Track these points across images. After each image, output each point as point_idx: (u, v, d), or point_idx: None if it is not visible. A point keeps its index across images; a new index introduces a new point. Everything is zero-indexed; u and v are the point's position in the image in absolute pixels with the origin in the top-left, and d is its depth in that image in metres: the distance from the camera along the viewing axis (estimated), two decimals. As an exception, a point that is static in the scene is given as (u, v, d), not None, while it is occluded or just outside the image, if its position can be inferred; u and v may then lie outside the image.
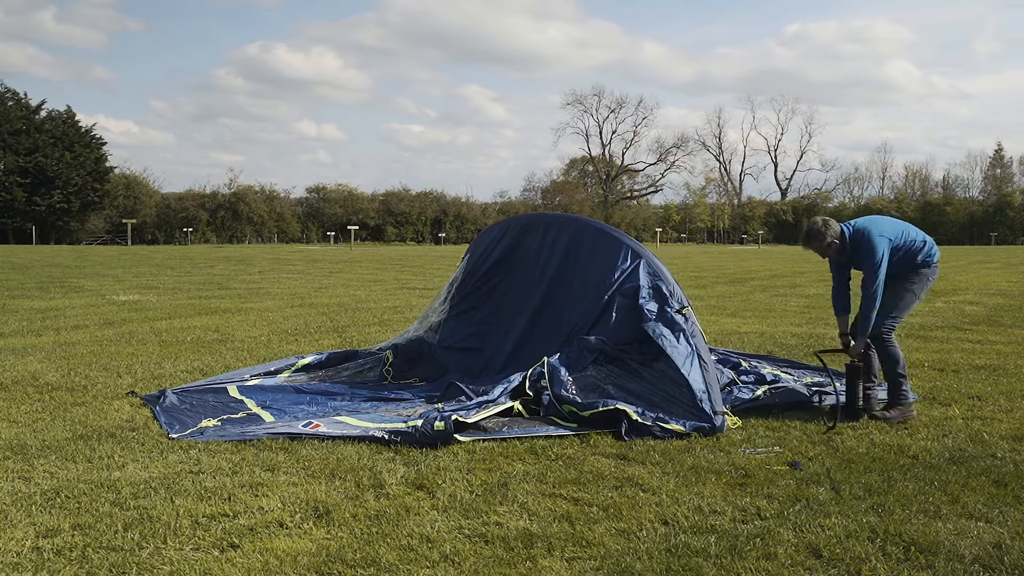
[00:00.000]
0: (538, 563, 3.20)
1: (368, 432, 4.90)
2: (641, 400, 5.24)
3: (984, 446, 4.83)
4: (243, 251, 45.01)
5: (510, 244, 6.79)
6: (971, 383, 6.71)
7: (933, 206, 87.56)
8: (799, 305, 13.68)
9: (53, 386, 6.42)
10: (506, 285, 6.69)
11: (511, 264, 6.71)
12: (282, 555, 3.25)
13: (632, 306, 5.62)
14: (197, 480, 4.11)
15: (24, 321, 10.71)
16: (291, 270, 24.62)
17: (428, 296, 15.26)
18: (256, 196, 77.22)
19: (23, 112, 62.29)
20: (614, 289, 5.76)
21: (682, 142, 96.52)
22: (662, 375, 5.34)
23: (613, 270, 5.82)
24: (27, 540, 3.37)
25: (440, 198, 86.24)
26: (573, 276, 6.14)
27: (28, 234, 60.31)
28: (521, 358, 6.01)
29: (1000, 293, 16.14)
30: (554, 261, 6.34)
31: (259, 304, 13.53)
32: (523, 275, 6.56)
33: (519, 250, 6.69)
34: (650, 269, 5.77)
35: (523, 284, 6.53)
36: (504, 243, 6.84)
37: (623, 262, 5.84)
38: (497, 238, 6.92)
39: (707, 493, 4.00)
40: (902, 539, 3.42)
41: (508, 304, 6.60)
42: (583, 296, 5.96)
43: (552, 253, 6.39)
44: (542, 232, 6.59)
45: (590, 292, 5.90)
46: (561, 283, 6.22)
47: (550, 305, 6.25)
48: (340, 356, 7.19)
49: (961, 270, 25.16)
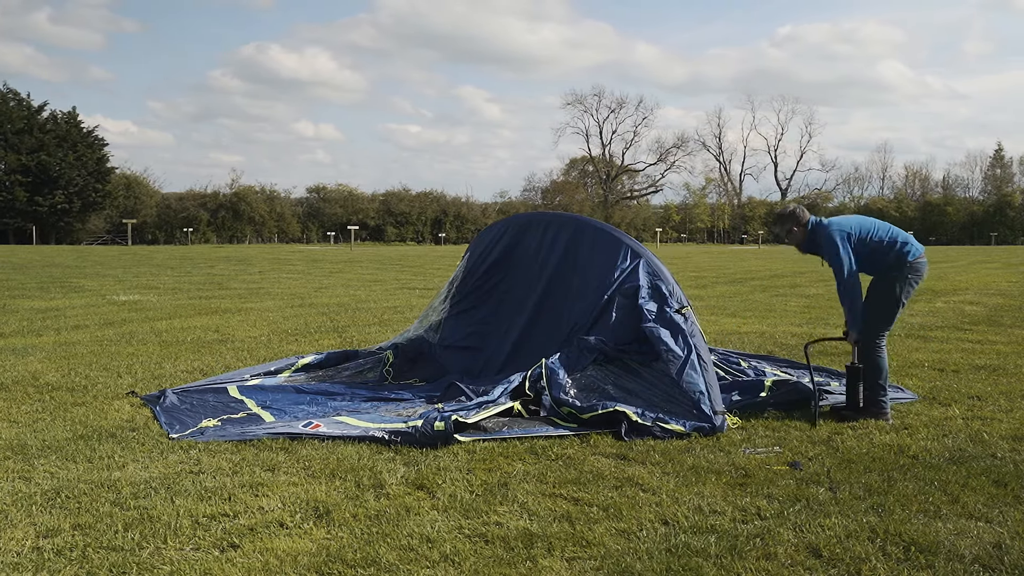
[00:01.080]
0: (538, 563, 3.20)
1: (368, 432, 4.90)
2: (641, 400, 5.24)
3: (984, 446, 4.83)
4: (243, 251, 45.02)
5: (510, 243, 6.80)
6: (971, 383, 6.71)
7: (933, 206, 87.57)
8: (799, 305, 13.68)
9: (53, 386, 6.42)
10: (506, 284, 6.69)
11: (511, 263, 6.71)
12: (282, 555, 3.25)
13: (632, 306, 5.62)
14: (197, 480, 4.12)
15: (24, 321, 10.71)
16: (291, 270, 24.62)
17: (428, 296, 15.27)
18: (257, 196, 77.24)
19: (25, 112, 62.35)
20: (614, 288, 5.76)
21: (682, 142, 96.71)
22: (662, 375, 5.34)
23: (613, 269, 5.82)
24: (27, 540, 3.37)
25: (440, 198, 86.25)
26: (573, 275, 6.14)
27: (28, 234, 60.32)
28: (521, 358, 6.01)
29: (1000, 293, 16.13)
30: (553, 260, 6.34)
31: (259, 304, 13.53)
32: (523, 274, 6.56)
33: (519, 249, 6.70)
34: (649, 269, 5.77)
35: (523, 283, 6.53)
36: (504, 242, 6.84)
37: (623, 261, 5.84)
38: (497, 237, 6.93)
39: (707, 493, 4.00)
40: (902, 539, 3.42)
41: (508, 303, 6.60)
42: (583, 295, 5.96)
43: (552, 252, 6.39)
44: (542, 231, 6.59)
45: (590, 291, 5.90)
46: (561, 282, 6.22)
47: (550, 304, 6.24)
48: (340, 356, 7.18)
49: (961, 270, 25.15)
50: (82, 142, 64.01)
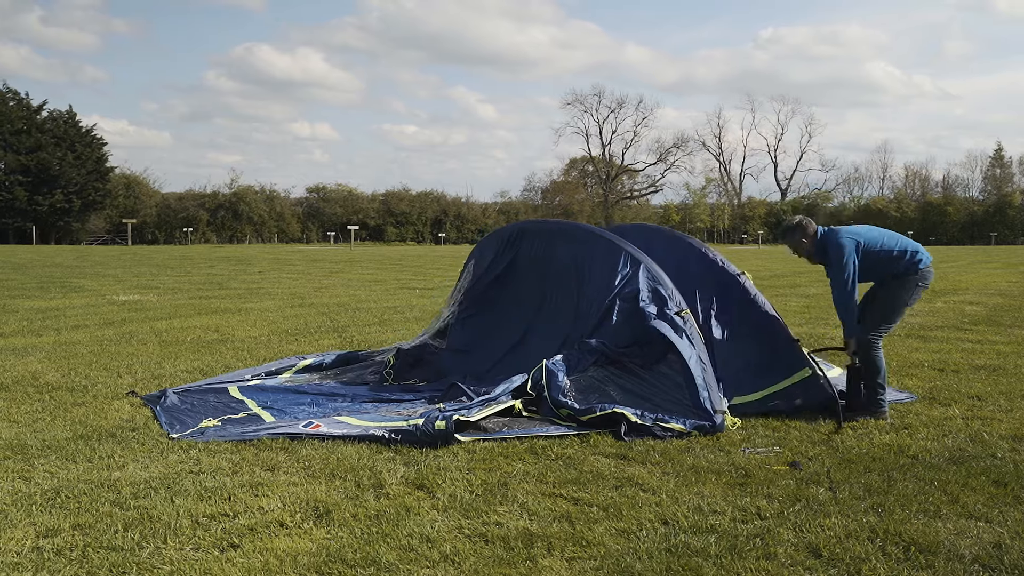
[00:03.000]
0: (538, 563, 3.20)
1: (369, 431, 4.90)
2: (642, 399, 5.24)
3: (984, 446, 4.84)
4: (243, 251, 45.02)
5: (512, 251, 6.81)
6: (971, 383, 6.71)
7: (933, 206, 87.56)
8: (799, 305, 13.67)
9: (53, 386, 6.42)
10: (509, 291, 6.73)
11: (513, 270, 6.75)
12: (282, 555, 3.25)
13: (632, 309, 5.69)
14: (197, 480, 4.12)
15: (24, 321, 10.71)
16: (291, 270, 24.62)
17: (428, 296, 15.28)
18: (256, 196, 77.29)
19: (24, 112, 62.38)
20: (615, 293, 5.82)
21: (682, 142, 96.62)
22: (663, 376, 5.35)
23: (614, 275, 5.89)
24: (27, 540, 3.38)
25: (440, 198, 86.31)
26: (574, 282, 6.20)
27: (28, 234, 60.33)
28: (521, 361, 6.03)
29: (1000, 293, 16.13)
30: (555, 267, 6.40)
31: (259, 304, 13.53)
32: (525, 281, 6.61)
33: (520, 257, 6.74)
34: (649, 274, 5.86)
35: (525, 290, 6.58)
36: (506, 249, 6.86)
37: (623, 267, 5.92)
38: (499, 244, 6.95)
39: (707, 493, 4.00)
40: (902, 539, 3.42)
41: (510, 310, 6.64)
42: (584, 301, 6.02)
43: (553, 259, 6.45)
44: (544, 239, 6.65)
45: (591, 297, 5.96)
46: (562, 289, 6.29)
47: (551, 310, 6.31)
48: (342, 358, 7.20)
49: (961, 270, 25.16)
50: (81, 141, 64.05)
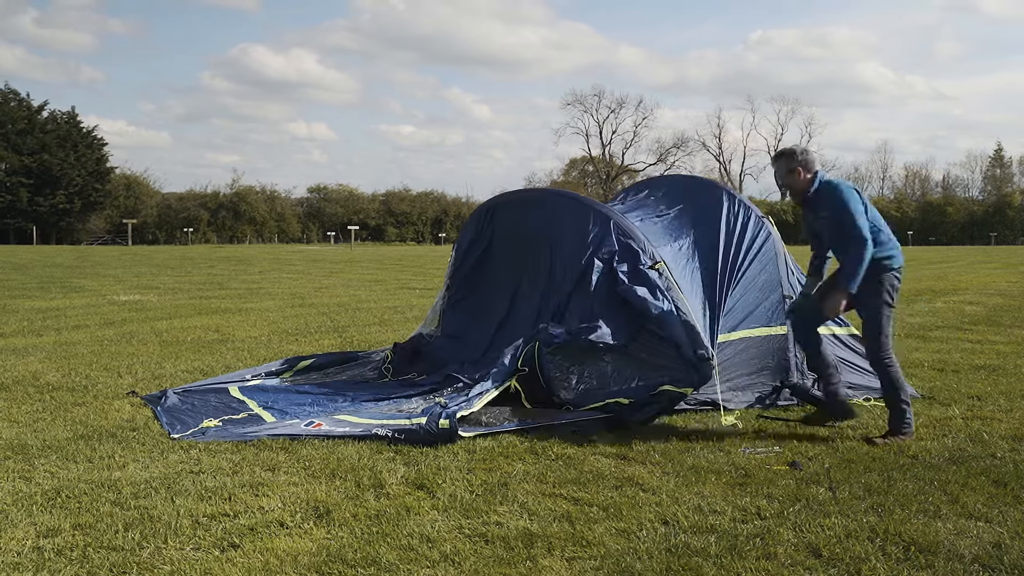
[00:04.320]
0: (538, 563, 3.20)
1: (371, 430, 4.91)
2: (633, 361, 5.36)
3: (984, 446, 4.84)
4: (243, 251, 45.03)
5: (489, 228, 6.81)
6: (971, 383, 6.71)
7: (933, 206, 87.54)
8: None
9: (54, 386, 6.42)
10: (492, 268, 6.72)
11: (492, 247, 6.74)
12: (282, 555, 3.25)
13: (609, 270, 5.66)
14: (197, 480, 4.12)
15: (25, 321, 10.71)
16: (291, 270, 24.63)
17: (428, 296, 15.27)
18: (257, 196, 77.31)
19: (25, 112, 62.39)
20: (589, 254, 5.79)
21: (682, 142, 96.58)
22: (649, 334, 5.40)
23: (585, 235, 5.86)
24: (28, 540, 3.38)
25: (440, 198, 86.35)
26: (547, 248, 6.16)
27: (29, 234, 60.34)
28: (510, 339, 6.02)
29: (1000, 293, 16.13)
30: (529, 236, 6.37)
31: (259, 304, 13.53)
32: (505, 256, 6.59)
33: (497, 233, 6.73)
34: (619, 230, 5.80)
35: (506, 265, 6.55)
36: (484, 228, 6.85)
37: (593, 226, 5.87)
38: (477, 223, 6.94)
39: (707, 493, 4.00)
40: (902, 539, 3.42)
41: (494, 287, 6.62)
42: (559, 265, 6.00)
43: (526, 228, 6.43)
44: (516, 210, 6.66)
45: (567, 261, 5.93)
46: (539, 256, 6.23)
47: (531, 281, 6.25)
48: (342, 358, 7.21)
49: (961, 270, 25.15)
50: (82, 142, 64.10)
